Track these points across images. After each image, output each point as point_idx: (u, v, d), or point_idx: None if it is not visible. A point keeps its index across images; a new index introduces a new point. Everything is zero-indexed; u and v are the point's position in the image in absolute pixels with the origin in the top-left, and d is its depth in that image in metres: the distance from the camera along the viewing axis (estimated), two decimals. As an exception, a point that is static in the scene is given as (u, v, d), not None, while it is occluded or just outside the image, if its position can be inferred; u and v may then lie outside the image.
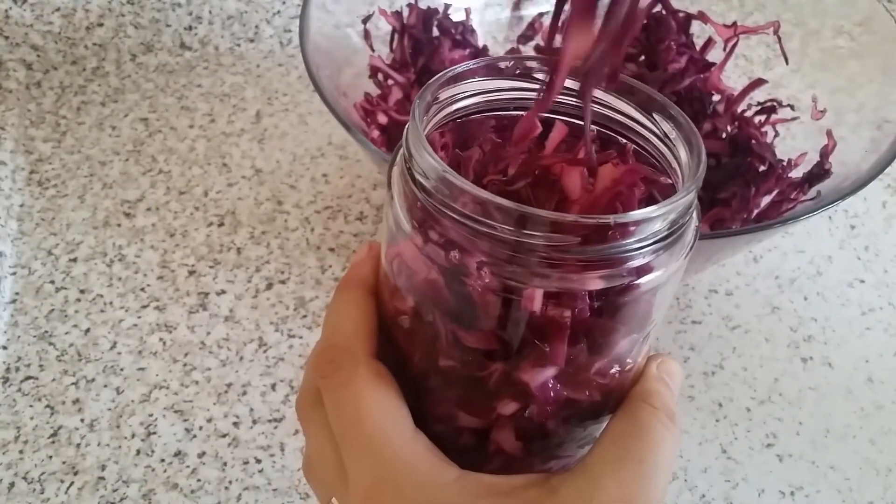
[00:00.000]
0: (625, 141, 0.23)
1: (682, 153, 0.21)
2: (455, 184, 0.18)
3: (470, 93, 0.22)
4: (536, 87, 0.22)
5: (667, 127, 0.21)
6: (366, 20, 0.46)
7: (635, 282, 0.19)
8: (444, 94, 0.22)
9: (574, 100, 0.23)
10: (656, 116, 0.22)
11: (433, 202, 0.19)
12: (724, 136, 0.45)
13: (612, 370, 0.22)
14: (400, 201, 0.20)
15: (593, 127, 0.23)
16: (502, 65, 0.23)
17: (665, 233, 0.19)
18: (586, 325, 0.20)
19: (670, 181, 0.22)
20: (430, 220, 0.19)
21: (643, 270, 0.19)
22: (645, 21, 0.45)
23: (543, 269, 0.18)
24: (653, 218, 0.18)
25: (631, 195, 0.21)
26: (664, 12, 0.45)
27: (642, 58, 0.46)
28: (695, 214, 0.21)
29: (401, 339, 0.23)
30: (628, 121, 0.23)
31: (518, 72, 0.23)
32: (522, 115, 0.22)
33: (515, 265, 0.18)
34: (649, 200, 0.22)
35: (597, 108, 0.23)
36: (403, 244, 0.21)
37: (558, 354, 0.20)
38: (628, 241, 0.18)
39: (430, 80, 0.21)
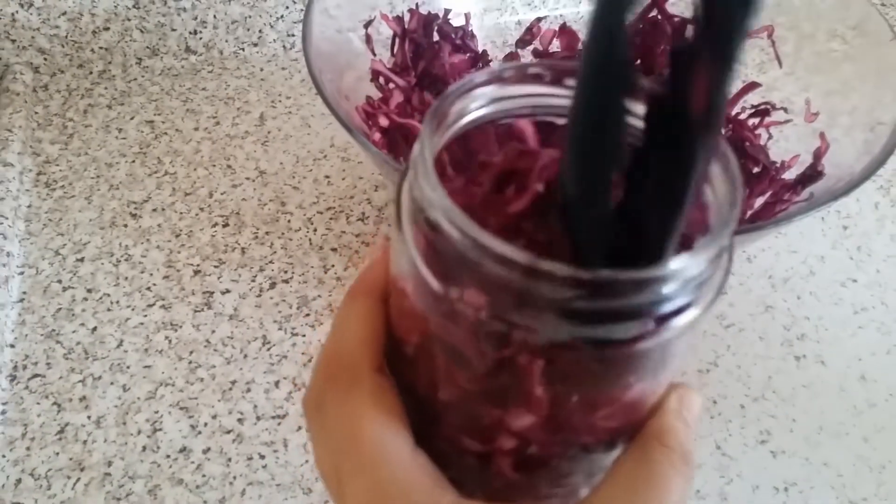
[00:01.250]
0: None
1: (721, 189, 0.18)
2: (461, 226, 0.17)
3: (478, 104, 0.21)
4: (542, 91, 0.21)
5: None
6: (367, 25, 0.46)
7: (645, 334, 0.17)
8: (452, 111, 0.20)
9: None
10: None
11: (437, 237, 0.17)
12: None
13: (623, 416, 0.21)
14: (406, 222, 0.19)
15: None
16: (507, 73, 0.21)
17: (690, 282, 0.17)
18: (581, 374, 0.19)
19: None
20: (433, 253, 0.18)
21: (656, 323, 0.17)
22: (640, 26, 0.46)
23: (548, 318, 0.17)
24: (675, 273, 0.16)
25: None
26: (659, 17, 0.46)
27: (638, 62, 0.46)
28: (727, 257, 0.19)
29: (406, 357, 0.22)
30: None
31: (522, 77, 0.21)
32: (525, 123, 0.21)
33: (516, 311, 0.17)
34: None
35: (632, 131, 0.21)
36: (407, 269, 0.20)
37: (532, 402, 0.19)
38: (641, 295, 0.16)
39: (437, 102, 0.19)
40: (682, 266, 0.16)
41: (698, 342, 0.21)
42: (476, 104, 0.20)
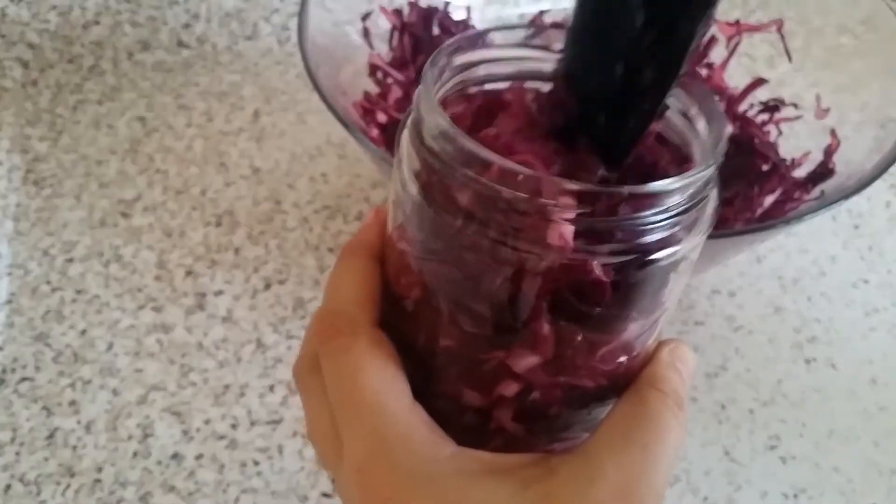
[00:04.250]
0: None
1: (702, 127, 0.20)
2: (464, 146, 0.18)
3: (484, 59, 0.22)
4: (550, 55, 0.22)
5: (686, 101, 0.21)
6: (365, 18, 0.46)
7: (648, 258, 0.18)
8: (457, 60, 0.21)
9: None
10: (675, 90, 0.21)
11: (442, 166, 0.18)
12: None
13: (619, 358, 0.21)
14: (407, 165, 0.20)
15: None
16: (516, 32, 0.22)
17: (684, 207, 0.18)
18: (589, 304, 0.19)
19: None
20: (437, 185, 0.19)
21: (657, 246, 0.18)
22: None
23: (549, 239, 0.18)
24: (670, 191, 0.18)
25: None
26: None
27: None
28: (714, 192, 0.20)
29: (403, 311, 0.23)
30: None
31: (534, 40, 0.22)
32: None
33: (523, 233, 0.18)
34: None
35: None
36: (409, 209, 0.20)
37: (538, 340, 0.20)
38: (643, 213, 0.18)
39: (443, 45, 0.20)
40: (680, 183, 0.17)
41: (685, 282, 0.22)
42: (481, 59, 0.21)
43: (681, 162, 0.21)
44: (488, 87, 0.22)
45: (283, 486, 0.37)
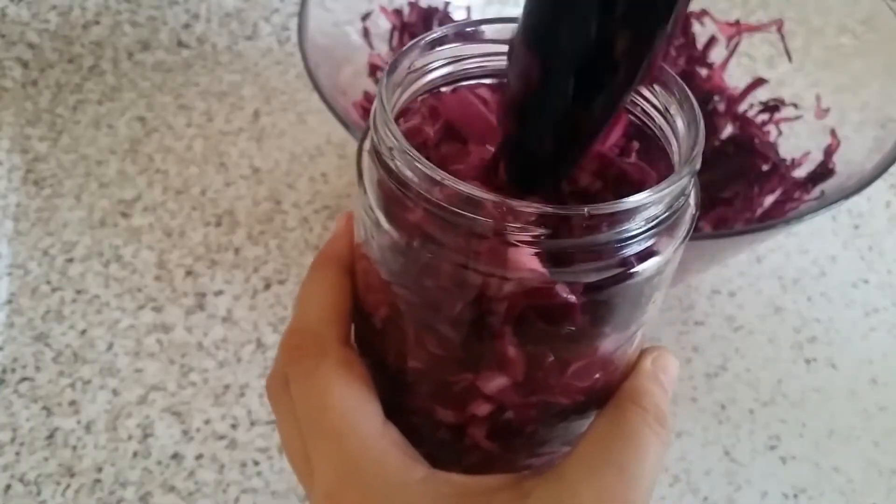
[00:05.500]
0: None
1: (681, 127, 0.19)
2: (418, 166, 0.17)
3: (443, 61, 0.20)
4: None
5: (666, 99, 0.19)
6: (365, 18, 0.46)
7: (621, 274, 0.17)
8: (416, 65, 0.20)
9: None
10: (657, 88, 0.20)
11: (398, 185, 0.17)
12: (724, 136, 0.45)
13: (595, 374, 0.20)
14: (368, 180, 0.19)
15: None
16: (473, 29, 0.21)
17: (658, 219, 0.17)
18: (552, 326, 0.18)
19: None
20: (395, 205, 0.18)
21: (629, 261, 0.17)
22: None
23: (517, 260, 0.17)
24: (639, 207, 0.16)
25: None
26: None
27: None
28: (692, 198, 0.19)
29: (373, 327, 0.22)
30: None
31: (491, 36, 0.21)
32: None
33: (482, 257, 0.17)
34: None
35: None
36: (369, 227, 0.19)
37: (505, 363, 0.19)
38: (612, 229, 0.16)
39: (399, 52, 0.19)
40: (646, 199, 0.16)
41: (664, 293, 0.21)
42: (437, 62, 0.20)
43: (663, 161, 0.20)
44: (466, 82, 0.21)
45: (283, 486, 0.37)
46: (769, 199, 0.43)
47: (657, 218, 0.17)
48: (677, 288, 0.46)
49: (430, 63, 0.20)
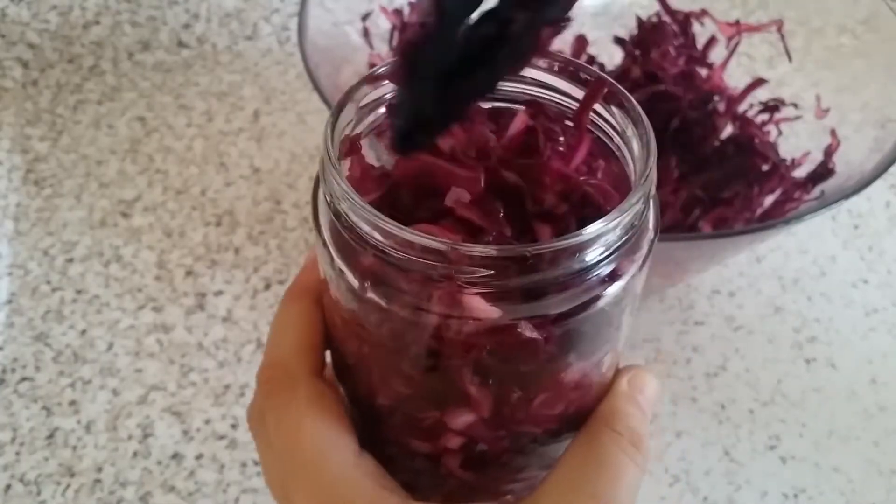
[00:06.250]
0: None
1: (636, 149, 0.18)
2: (363, 213, 0.17)
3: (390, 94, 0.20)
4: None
5: (623, 121, 0.19)
6: (365, 18, 0.46)
7: (580, 305, 0.17)
8: (365, 101, 0.20)
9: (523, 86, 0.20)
10: (615, 109, 0.19)
11: (347, 231, 0.17)
12: (724, 136, 0.45)
13: (564, 402, 0.20)
14: (324, 225, 0.19)
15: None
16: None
17: (614, 246, 0.17)
18: (512, 361, 0.18)
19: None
20: (346, 248, 0.18)
21: (588, 291, 0.17)
22: (637, 31, 0.45)
23: (473, 303, 0.16)
24: (589, 240, 0.16)
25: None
26: (662, 14, 0.45)
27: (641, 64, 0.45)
28: (650, 219, 0.18)
29: (346, 363, 0.22)
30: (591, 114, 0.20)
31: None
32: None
33: (433, 298, 0.17)
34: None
35: (554, 95, 0.20)
36: (326, 266, 0.19)
37: (468, 400, 0.18)
38: (567, 263, 0.16)
39: (344, 93, 0.19)
40: (598, 230, 0.16)
41: (631, 318, 0.20)
42: (388, 94, 0.20)
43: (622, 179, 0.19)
44: None
45: (283, 486, 0.37)
46: (769, 199, 0.43)
47: (614, 244, 0.17)
48: (677, 288, 0.46)
49: (383, 95, 0.20)
